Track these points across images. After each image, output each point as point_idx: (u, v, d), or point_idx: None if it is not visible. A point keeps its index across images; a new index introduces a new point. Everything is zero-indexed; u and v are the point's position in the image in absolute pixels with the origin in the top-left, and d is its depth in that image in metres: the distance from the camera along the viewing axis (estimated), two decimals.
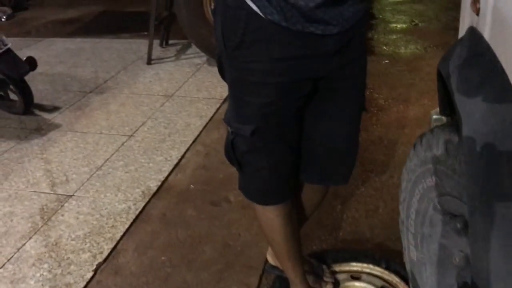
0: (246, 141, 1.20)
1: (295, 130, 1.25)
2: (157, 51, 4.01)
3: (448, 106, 1.21)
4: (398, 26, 4.39)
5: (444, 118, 1.34)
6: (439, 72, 1.16)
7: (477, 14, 1.00)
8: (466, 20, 1.11)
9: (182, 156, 2.59)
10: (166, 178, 2.42)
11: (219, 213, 2.14)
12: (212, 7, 3.05)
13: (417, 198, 1.34)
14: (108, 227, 2.10)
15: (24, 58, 2.93)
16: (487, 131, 0.85)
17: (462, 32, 1.14)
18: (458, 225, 1.23)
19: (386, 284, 1.52)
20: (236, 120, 1.20)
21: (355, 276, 1.58)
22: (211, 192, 2.28)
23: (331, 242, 1.95)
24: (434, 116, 1.38)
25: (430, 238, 1.33)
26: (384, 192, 2.23)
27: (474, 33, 1.02)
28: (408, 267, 1.46)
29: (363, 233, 1.98)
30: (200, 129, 2.82)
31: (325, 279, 1.53)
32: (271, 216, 1.32)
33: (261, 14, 1.04)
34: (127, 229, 2.08)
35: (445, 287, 1.32)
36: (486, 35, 0.96)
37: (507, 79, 0.84)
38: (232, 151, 1.24)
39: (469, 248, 0.99)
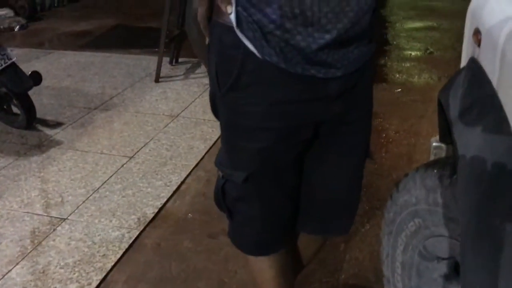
0: (237, 187, 1.11)
1: (293, 177, 1.16)
2: (166, 68, 3.96)
3: (448, 135, 1.17)
4: (413, 53, 4.30)
5: (444, 146, 1.31)
6: (439, 101, 1.15)
7: (478, 45, 0.98)
8: (468, 50, 1.09)
9: (183, 182, 2.50)
10: (164, 204, 2.33)
11: (216, 246, 2.05)
12: None
13: (401, 249, 1.29)
14: (99, 255, 2.01)
15: (29, 73, 2.89)
16: (483, 162, 0.83)
17: (464, 62, 1.11)
18: (447, 270, 1.21)
19: None
20: (228, 165, 1.11)
21: None
22: (209, 223, 2.19)
23: (332, 285, 1.84)
24: (434, 144, 1.35)
25: None
26: None
27: (474, 64, 1.00)
28: None
29: (366, 277, 1.87)
30: (203, 153, 2.74)
31: None
32: (263, 267, 1.22)
33: (258, 54, 0.96)
34: (119, 259, 1.99)
35: None
36: (486, 66, 0.94)
37: (504, 113, 0.83)
38: (222, 197, 1.15)
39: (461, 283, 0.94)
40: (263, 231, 1.17)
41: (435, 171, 1.14)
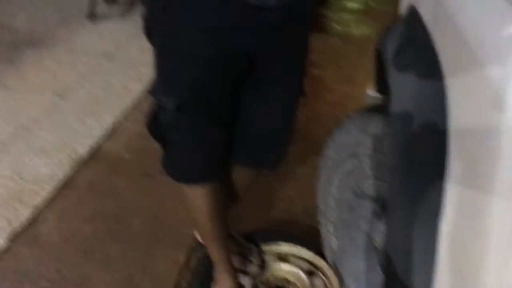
0: (170, 115, 1.10)
1: (227, 110, 1.17)
2: (101, 6, 3.75)
3: (383, 84, 1.20)
4: (354, 6, 4.36)
5: (379, 96, 1.34)
6: (376, 51, 1.17)
7: None
8: None
9: (117, 122, 2.45)
10: (98, 144, 2.28)
11: (152, 185, 2.05)
12: None
13: (336, 185, 1.34)
14: (29, 192, 1.95)
15: None
16: (415, 107, 0.85)
17: (402, 10, 1.13)
18: (377, 208, 1.26)
19: (314, 269, 1.50)
20: (161, 92, 1.10)
21: (283, 258, 1.55)
22: (145, 163, 2.17)
23: (264, 221, 1.91)
24: (369, 93, 1.38)
25: (350, 224, 1.34)
26: None
27: (413, 12, 1.01)
28: (330, 258, 1.46)
29: (296, 214, 1.95)
30: (139, 94, 2.68)
31: (251, 259, 1.49)
32: (196, 196, 1.24)
33: None
34: (50, 196, 1.95)
35: (367, 272, 1.33)
36: (424, 14, 0.96)
37: (438, 59, 0.83)
38: (154, 125, 1.14)
39: (387, 226, 1.00)
40: (195, 160, 1.18)
41: (375, 115, 1.18)
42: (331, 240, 1.43)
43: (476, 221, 0.58)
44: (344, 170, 1.31)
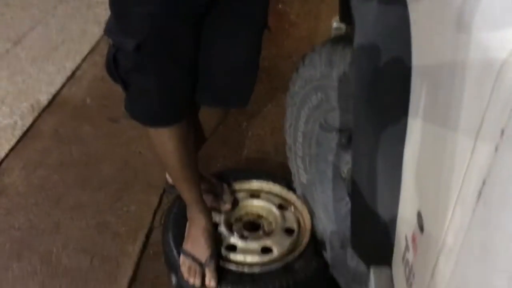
0: (129, 57, 1.05)
1: (189, 49, 1.12)
2: None
3: (347, 14, 1.18)
4: None
5: (344, 26, 1.33)
6: None
7: None
8: None
9: (77, 67, 2.36)
10: (59, 91, 2.20)
11: (118, 130, 2.01)
12: None
13: (304, 120, 1.34)
14: None
15: None
16: (378, 37, 0.83)
17: None
18: (343, 140, 1.28)
19: (284, 202, 1.53)
20: (118, 31, 1.05)
21: (255, 195, 1.57)
22: (109, 108, 2.12)
23: (235, 160, 1.92)
24: (335, 25, 1.36)
25: (317, 157, 1.36)
26: None
27: None
28: (299, 191, 1.49)
29: (267, 151, 1.97)
30: (98, 37, 2.56)
31: (224, 198, 1.50)
32: (163, 139, 1.21)
33: None
34: (13, 146, 1.89)
35: (336, 201, 1.37)
36: None
37: None
38: (114, 68, 1.09)
39: (352, 155, 1.02)
40: (159, 102, 1.15)
41: (339, 47, 1.16)
42: (300, 174, 1.46)
43: (437, 149, 0.59)
44: (311, 105, 1.31)
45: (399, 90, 0.74)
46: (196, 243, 1.33)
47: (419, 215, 0.65)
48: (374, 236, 0.96)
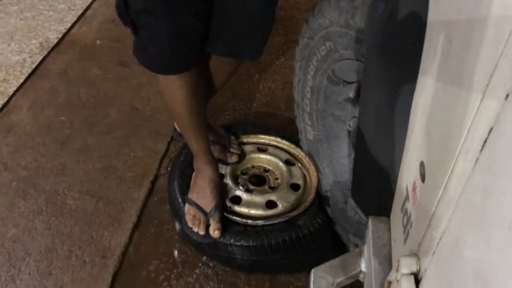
0: None
1: None
2: None
3: None
4: None
5: None
6: None
7: None
8: None
9: (89, 6, 2.30)
10: (69, 30, 2.15)
11: (128, 74, 1.98)
12: None
13: (312, 74, 1.32)
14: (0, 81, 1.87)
15: None
16: None
17: None
18: (351, 94, 1.27)
19: (292, 158, 1.51)
20: None
21: (262, 149, 1.55)
22: (120, 50, 2.08)
23: (244, 113, 1.89)
24: None
25: (325, 112, 1.34)
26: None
27: None
28: (305, 148, 1.47)
29: (277, 106, 1.94)
30: None
31: (231, 150, 1.48)
32: (173, 87, 1.18)
33: None
34: (22, 84, 1.87)
35: (341, 158, 1.36)
36: None
37: None
38: (125, 9, 1.04)
39: (360, 104, 1.01)
40: (169, 48, 1.10)
41: None
42: (307, 130, 1.44)
43: (446, 99, 0.60)
44: (319, 56, 1.27)
45: (413, 40, 0.72)
46: (202, 193, 1.33)
47: (422, 165, 0.66)
48: (375, 187, 0.97)
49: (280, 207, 1.37)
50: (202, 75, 1.28)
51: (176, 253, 1.40)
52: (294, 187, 1.43)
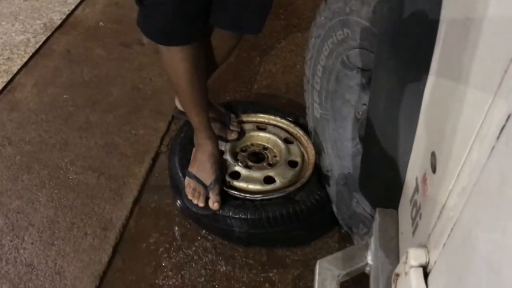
0: None
1: None
2: None
3: None
4: None
5: None
6: None
7: None
8: None
9: None
10: (72, 11, 2.18)
11: (130, 55, 2.00)
12: None
13: (325, 54, 1.31)
14: (3, 59, 1.90)
15: None
16: None
17: None
18: (364, 80, 1.26)
19: (290, 137, 1.54)
20: None
21: (261, 127, 1.58)
22: (122, 32, 2.10)
23: (245, 94, 1.92)
24: None
25: (335, 94, 1.34)
26: (304, 49, 2.17)
27: None
28: (311, 124, 1.49)
29: (277, 88, 1.96)
30: None
31: (231, 127, 1.51)
32: (175, 59, 1.20)
33: None
34: (26, 63, 1.90)
35: (346, 141, 1.37)
36: None
37: None
38: None
39: (370, 93, 1.00)
40: (173, 18, 1.13)
41: None
42: (314, 108, 1.45)
43: (461, 87, 0.59)
44: (335, 39, 1.25)
45: (426, 30, 0.72)
46: (202, 167, 1.36)
47: (433, 155, 0.65)
48: (383, 179, 0.96)
49: (278, 182, 1.40)
50: (203, 49, 1.31)
51: (175, 226, 1.43)
52: (292, 164, 1.46)
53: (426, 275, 0.62)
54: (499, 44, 0.48)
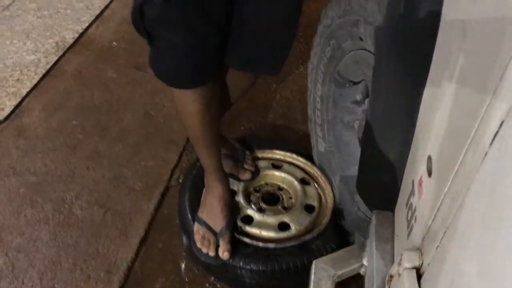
0: (157, 8, 0.95)
1: (222, 5, 1.02)
2: None
3: None
4: None
5: None
6: None
7: None
8: None
9: (107, 6, 2.26)
10: (86, 30, 2.12)
11: (143, 78, 1.93)
12: None
13: (320, 81, 1.33)
14: (12, 80, 1.84)
15: None
16: None
17: None
18: (358, 97, 1.29)
19: (307, 177, 1.45)
20: None
21: (277, 165, 1.49)
22: (136, 53, 2.04)
23: (260, 124, 1.84)
24: None
25: (334, 120, 1.35)
26: None
27: None
28: (317, 161, 1.46)
29: (294, 118, 1.88)
30: None
31: (245, 166, 1.43)
32: (187, 100, 1.13)
33: None
34: (35, 85, 1.84)
35: (352, 166, 1.35)
36: None
37: None
38: (140, 19, 0.99)
39: (370, 98, 1.01)
40: (186, 60, 1.05)
41: None
42: (318, 143, 1.44)
43: (457, 93, 0.59)
44: (325, 60, 1.27)
45: (426, 35, 0.71)
46: (212, 212, 1.28)
47: (429, 159, 0.65)
48: (381, 181, 0.96)
49: (293, 229, 1.31)
50: (217, 88, 1.23)
51: (183, 271, 1.36)
52: (309, 208, 1.38)
53: (419, 277, 0.63)
54: (494, 51, 0.48)
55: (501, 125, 0.44)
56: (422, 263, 0.63)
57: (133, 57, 2.02)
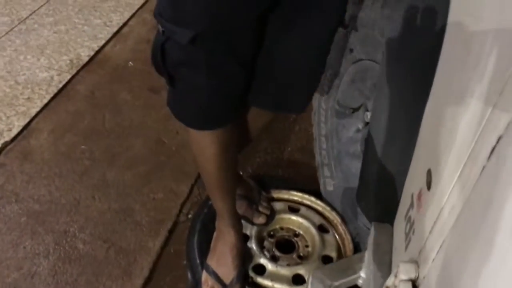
0: (181, 49, 0.87)
1: (250, 44, 0.93)
2: None
3: None
4: None
5: None
6: None
7: None
8: None
9: (125, 23, 2.20)
10: (102, 47, 2.05)
11: (157, 102, 1.86)
12: None
13: (323, 120, 1.34)
14: (23, 98, 1.78)
15: None
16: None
17: None
18: (360, 125, 1.28)
19: (326, 223, 1.36)
20: (171, 18, 0.86)
21: (293, 208, 1.40)
22: (151, 75, 1.93)
23: (276, 157, 1.75)
24: None
25: (340, 154, 1.33)
26: None
27: None
28: (326, 200, 1.41)
29: (312, 152, 1.78)
30: None
31: (260, 208, 1.34)
32: (204, 143, 1.05)
33: None
34: (46, 105, 1.78)
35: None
36: None
37: None
38: (161, 59, 0.91)
39: (372, 111, 1.02)
40: (209, 103, 0.97)
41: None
42: (326, 183, 1.38)
43: (458, 107, 0.58)
44: (325, 95, 1.29)
45: (430, 49, 0.70)
46: (222, 261, 1.19)
47: (429, 173, 0.65)
48: (381, 193, 0.97)
49: None
50: (237, 128, 1.15)
51: None
52: (326, 259, 1.28)
53: None
54: (494, 67, 0.48)
55: (498, 140, 0.44)
56: (418, 276, 0.63)
57: (148, 79, 1.95)
